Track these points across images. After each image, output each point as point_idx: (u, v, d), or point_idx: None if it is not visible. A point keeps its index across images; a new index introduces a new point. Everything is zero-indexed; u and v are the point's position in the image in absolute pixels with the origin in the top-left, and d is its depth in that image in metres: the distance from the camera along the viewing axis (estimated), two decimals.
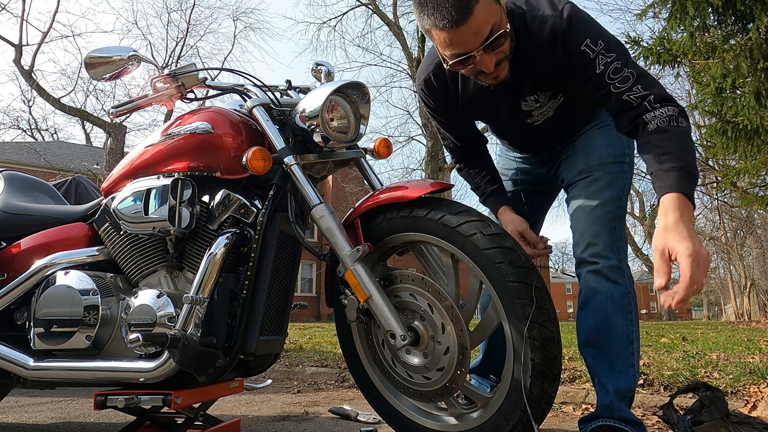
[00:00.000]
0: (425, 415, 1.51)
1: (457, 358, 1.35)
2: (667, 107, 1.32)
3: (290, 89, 1.78)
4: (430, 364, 1.40)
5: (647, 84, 1.36)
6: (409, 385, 1.47)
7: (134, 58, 1.59)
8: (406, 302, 1.44)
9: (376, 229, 1.49)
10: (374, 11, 15.44)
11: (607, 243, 1.52)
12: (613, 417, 1.46)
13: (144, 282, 1.60)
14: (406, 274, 1.46)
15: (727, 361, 3.34)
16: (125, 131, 13.12)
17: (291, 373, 3.67)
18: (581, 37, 1.38)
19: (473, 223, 1.34)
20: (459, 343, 1.34)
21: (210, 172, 1.56)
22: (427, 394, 1.44)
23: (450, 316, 1.36)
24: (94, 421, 2.22)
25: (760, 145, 6.62)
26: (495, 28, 1.32)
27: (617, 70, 1.36)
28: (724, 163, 11.74)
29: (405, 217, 1.43)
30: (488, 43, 1.32)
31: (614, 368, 1.49)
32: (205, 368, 1.42)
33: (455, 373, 1.36)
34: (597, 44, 1.37)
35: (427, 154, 13.07)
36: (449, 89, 1.64)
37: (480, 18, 1.29)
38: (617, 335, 1.50)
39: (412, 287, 1.43)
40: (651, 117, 1.32)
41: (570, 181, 1.67)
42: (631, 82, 1.35)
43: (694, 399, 1.74)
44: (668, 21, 6.44)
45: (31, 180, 2.08)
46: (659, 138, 1.30)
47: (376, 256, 1.53)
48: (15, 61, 12.83)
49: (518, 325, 1.27)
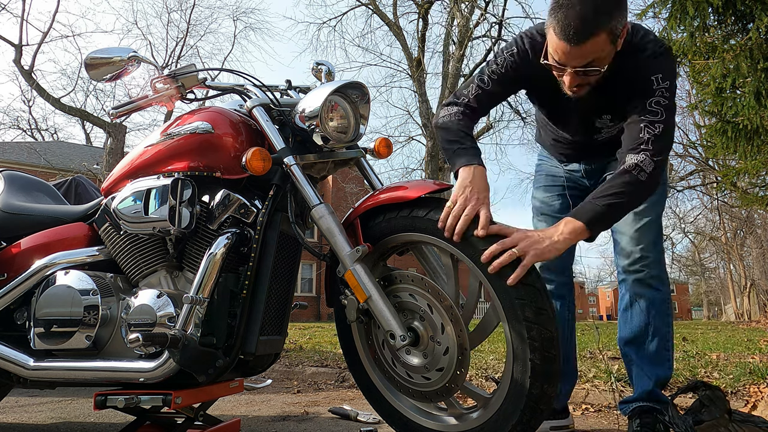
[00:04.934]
0: (425, 415, 1.51)
1: (456, 358, 1.35)
2: (644, 157, 1.43)
3: (290, 89, 1.78)
4: (429, 364, 1.39)
5: (664, 131, 1.45)
6: (409, 385, 1.46)
7: (134, 59, 1.59)
8: (406, 302, 1.43)
9: (377, 228, 1.48)
10: (374, 11, 15.42)
11: (653, 256, 1.73)
12: (651, 400, 1.74)
13: (144, 282, 1.61)
14: (405, 274, 1.46)
15: (727, 361, 3.34)
16: (125, 131, 13.10)
17: (291, 373, 3.66)
18: (658, 71, 1.48)
19: (473, 224, 1.34)
20: (458, 343, 1.34)
21: (210, 172, 1.56)
22: (427, 394, 1.43)
23: (449, 316, 1.36)
24: (94, 421, 2.22)
25: (760, 145, 6.62)
26: (595, 62, 1.42)
27: (659, 104, 1.46)
28: (724, 163, 11.74)
29: (405, 217, 1.43)
30: (581, 71, 1.43)
31: (654, 362, 1.75)
32: (205, 368, 1.42)
33: (455, 373, 1.36)
34: (665, 81, 1.47)
35: (427, 154, 13.06)
36: (541, 68, 1.57)
37: (590, 49, 1.38)
38: (658, 334, 1.75)
39: (411, 287, 1.43)
40: (629, 158, 1.44)
41: None
42: (658, 118, 1.45)
43: (694, 399, 1.74)
44: (668, 21, 6.43)
45: (31, 180, 2.08)
46: (617, 178, 1.43)
47: (376, 256, 1.53)
48: (15, 61, 12.81)
49: (517, 326, 1.27)
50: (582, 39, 1.35)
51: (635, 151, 1.44)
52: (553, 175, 2.00)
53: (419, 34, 14.38)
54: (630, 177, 1.41)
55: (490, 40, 13.85)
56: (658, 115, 1.45)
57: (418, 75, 14.03)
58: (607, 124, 1.70)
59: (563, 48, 1.39)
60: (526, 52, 1.59)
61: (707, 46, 6.48)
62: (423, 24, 14.34)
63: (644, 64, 1.49)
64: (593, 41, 1.36)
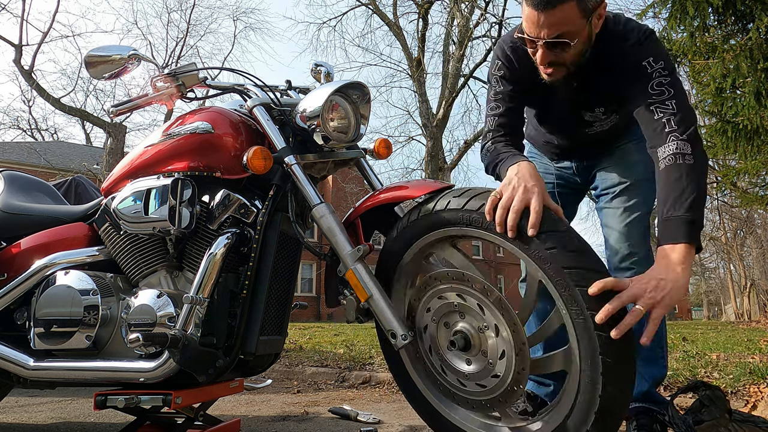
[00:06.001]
0: (482, 426, 1.36)
1: (514, 356, 1.22)
2: (678, 142, 1.34)
3: (290, 89, 1.78)
4: (484, 369, 1.28)
5: (679, 104, 1.39)
6: (462, 394, 1.34)
7: (134, 57, 1.59)
8: (450, 303, 1.34)
9: (431, 219, 1.36)
10: (374, 11, 15.43)
11: (642, 252, 1.68)
12: (648, 401, 1.71)
13: (144, 282, 1.60)
14: (444, 273, 1.35)
15: (727, 361, 3.34)
16: (125, 131, 13.11)
17: (291, 373, 3.66)
18: (647, 55, 1.45)
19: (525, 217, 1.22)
20: (514, 340, 1.22)
21: (210, 172, 1.56)
22: (484, 402, 1.30)
23: (500, 310, 1.24)
24: (94, 421, 2.22)
25: (760, 145, 6.62)
26: (566, 35, 1.39)
27: (660, 84, 1.42)
28: (724, 163, 11.73)
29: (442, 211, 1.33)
30: (550, 42, 1.40)
31: (649, 361, 1.70)
32: (205, 368, 1.42)
33: (515, 374, 1.23)
34: (658, 62, 1.44)
35: (427, 154, 13.06)
36: (527, 63, 1.58)
37: (559, 17, 1.36)
38: None
39: (455, 286, 1.32)
40: (662, 154, 1.36)
41: (606, 191, 1.77)
42: (666, 96, 1.41)
43: (694, 399, 1.74)
44: (668, 21, 6.43)
45: (31, 180, 2.08)
46: (668, 177, 1.33)
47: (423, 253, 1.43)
48: (15, 61, 12.81)
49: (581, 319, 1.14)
50: (549, 5, 1.34)
51: (663, 142, 1.36)
52: (543, 172, 1.98)
53: (419, 34, 14.38)
54: (679, 170, 1.31)
55: (490, 40, 13.85)
56: (664, 95, 1.41)
57: (418, 75, 14.03)
58: (599, 118, 1.69)
59: (533, 17, 1.38)
60: (509, 58, 1.60)
61: (707, 46, 6.49)
62: (423, 24, 14.34)
63: (631, 51, 1.46)
64: (561, 8, 1.34)
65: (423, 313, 1.39)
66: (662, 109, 1.39)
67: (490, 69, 1.67)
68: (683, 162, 1.31)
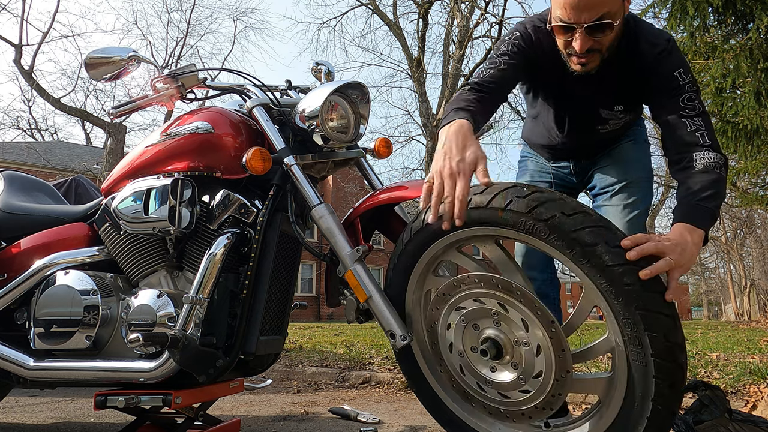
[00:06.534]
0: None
1: (555, 358, 1.16)
2: (715, 153, 1.38)
3: (290, 89, 1.78)
4: (524, 374, 1.21)
5: (707, 123, 1.43)
6: (502, 407, 1.27)
7: (134, 59, 1.59)
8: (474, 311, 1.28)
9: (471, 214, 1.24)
10: (374, 11, 15.43)
11: None
12: None
13: (144, 282, 1.61)
14: (468, 276, 1.26)
15: (727, 361, 3.34)
16: (125, 131, 13.11)
17: (291, 373, 3.66)
18: (677, 65, 1.46)
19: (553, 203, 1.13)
20: (552, 342, 1.16)
21: (210, 172, 1.56)
22: (527, 412, 1.23)
23: (534, 313, 1.17)
24: (94, 421, 2.22)
25: (760, 145, 6.62)
26: (607, 15, 1.37)
27: (691, 99, 1.44)
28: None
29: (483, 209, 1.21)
30: (594, 25, 1.37)
31: None
32: (205, 368, 1.42)
33: (556, 380, 1.17)
34: (688, 75, 1.46)
35: (427, 154, 13.06)
36: (545, 50, 1.56)
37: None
38: None
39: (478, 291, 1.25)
40: (699, 157, 1.38)
41: (604, 190, 1.77)
42: (696, 112, 1.43)
43: (694, 399, 1.74)
44: (668, 21, 6.43)
45: (31, 180, 2.08)
46: (703, 176, 1.36)
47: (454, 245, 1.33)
48: (15, 61, 12.82)
49: (628, 314, 1.08)
50: None
51: (701, 150, 1.37)
52: (540, 171, 1.98)
53: (419, 34, 14.37)
54: (718, 177, 1.34)
55: (490, 40, 13.85)
56: (696, 111, 1.42)
57: (418, 75, 14.02)
58: (617, 116, 1.67)
59: (572, 1, 1.34)
60: (530, 36, 1.56)
61: (707, 46, 6.49)
62: (423, 24, 14.34)
63: (662, 58, 1.47)
64: None
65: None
66: (694, 124, 1.41)
67: (506, 34, 1.62)
68: (720, 173, 1.35)
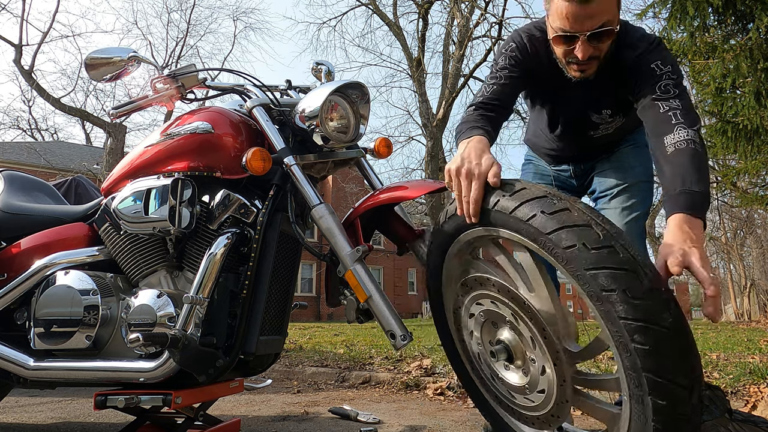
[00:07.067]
0: None
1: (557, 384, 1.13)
2: (686, 130, 1.33)
3: (290, 89, 1.78)
4: (530, 385, 1.22)
5: (684, 103, 1.39)
6: (513, 406, 1.30)
7: (134, 59, 1.59)
8: (491, 311, 1.26)
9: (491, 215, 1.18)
10: (374, 11, 15.44)
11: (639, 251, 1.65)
12: None
13: (144, 282, 1.61)
14: (488, 278, 1.25)
15: (727, 361, 3.34)
16: (125, 131, 13.12)
17: (291, 373, 3.66)
18: (656, 59, 1.46)
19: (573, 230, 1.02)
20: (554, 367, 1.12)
21: (210, 172, 1.56)
22: (531, 419, 1.24)
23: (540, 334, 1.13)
24: (94, 421, 2.22)
25: (760, 145, 6.63)
26: (607, 22, 1.39)
27: (667, 85, 1.43)
28: (724, 163, 11.74)
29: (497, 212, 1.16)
30: (595, 33, 1.39)
31: None
32: (205, 368, 1.42)
33: (557, 403, 1.15)
34: (666, 66, 1.45)
35: (427, 154, 13.06)
36: (542, 59, 1.57)
37: (602, 6, 1.36)
38: None
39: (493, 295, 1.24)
40: (671, 140, 1.33)
41: (604, 193, 1.80)
42: (671, 95, 1.41)
43: None
44: (668, 21, 6.44)
45: (31, 180, 2.08)
46: (679, 158, 1.30)
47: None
48: (15, 61, 12.83)
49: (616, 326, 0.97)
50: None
51: (671, 131, 1.33)
52: (542, 173, 2.01)
53: (419, 34, 14.38)
54: (694, 153, 1.27)
55: (490, 40, 13.85)
56: (670, 93, 1.41)
57: (418, 75, 14.03)
58: (606, 120, 1.69)
59: (573, 10, 1.35)
60: (525, 46, 1.57)
61: (707, 46, 6.49)
62: (423, 24, 14.34)
63: (643, 58, 1.48)
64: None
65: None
66: (667, 105, 1.39)
67: (502, 47, 1.62)
68: (695, 147, 1.29)
